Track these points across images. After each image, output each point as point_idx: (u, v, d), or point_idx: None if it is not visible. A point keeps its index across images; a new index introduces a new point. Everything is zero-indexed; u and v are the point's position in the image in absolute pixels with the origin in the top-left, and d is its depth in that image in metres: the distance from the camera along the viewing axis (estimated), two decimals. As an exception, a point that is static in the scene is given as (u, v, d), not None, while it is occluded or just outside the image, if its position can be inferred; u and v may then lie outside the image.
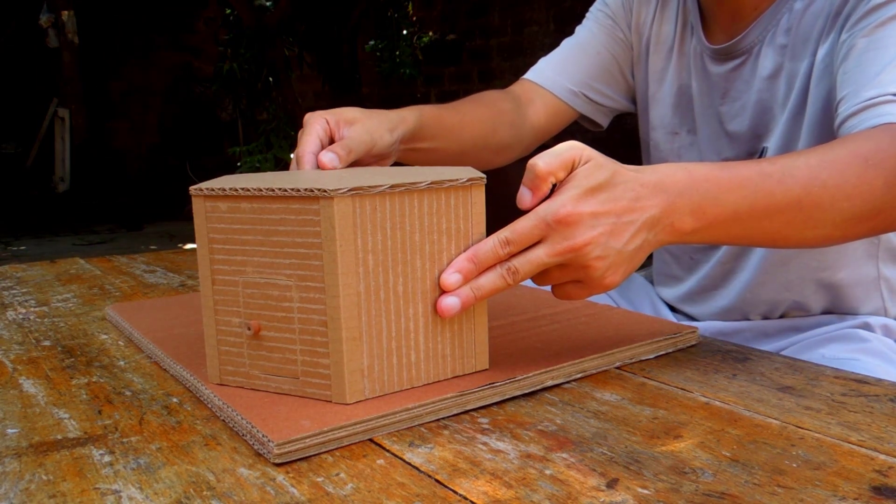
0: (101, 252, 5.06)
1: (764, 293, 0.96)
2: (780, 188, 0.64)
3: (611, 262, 0.59)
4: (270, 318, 0.58)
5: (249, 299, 0.59)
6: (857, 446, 0.50)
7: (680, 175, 0.62)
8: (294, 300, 0.56)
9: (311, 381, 0.57)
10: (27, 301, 1.00)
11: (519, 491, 0.45)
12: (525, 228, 0.59)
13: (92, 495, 0.47)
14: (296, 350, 0.57)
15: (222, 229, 0.59)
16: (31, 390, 0.66)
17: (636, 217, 0.60)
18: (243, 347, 0.60)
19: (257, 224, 0.57)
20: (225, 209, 0.59)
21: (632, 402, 0.59)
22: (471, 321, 0.62)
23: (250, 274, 0.58)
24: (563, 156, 0.60)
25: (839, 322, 0.94)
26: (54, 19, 6.78)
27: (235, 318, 0.60)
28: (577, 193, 0.58)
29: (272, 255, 0.57)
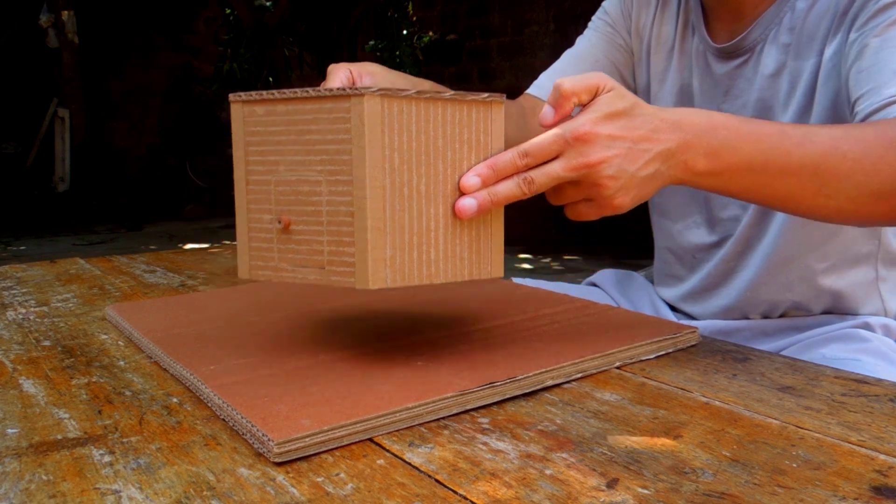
0: (101, 252, 5.06)
1: (765, 293, 0.96)
2: (798, 150, 0.65)
3: (622, 183, 0.62)
4: (300, 213, 0.62)
5: (281, 196, 0.63)
6: (857, 446, 0.50)
7: (700, 118, 0.65)
8: (323, 194, 0.61)
9: (337, 269, 0.61)
10: (27, 301, 1.00)
11: (519, 491, 0.45)
12: (544, 142, 0.61)
13: (92, 495, 0.47)
14: (323, 241, 0.62)
15: (258, 132, 0.64)
16: (31, 390, 0.66)
17: (651, 147, 0.62)
18: (273, 242, 0.64)
19: (291, 125, 0.62)
20: (261, 112, 0.63)
21: (632, 402, 0.59)
22: (488, 228, 0.65)
23: (282, 172, 0.63)
24: (588, 81, 0.63)
25: (839, 322, 0.94)
26: (54, 19, 6.78)
27: (266, 216, 0.64)
28: (598, 116, 0.61)
29: (304, 154, 0.62)
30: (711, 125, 0.65)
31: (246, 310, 0.86)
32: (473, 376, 0.61)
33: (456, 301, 0.86)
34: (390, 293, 0.91)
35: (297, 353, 0.69)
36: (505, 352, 0.67)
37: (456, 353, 0.67)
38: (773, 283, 0.95)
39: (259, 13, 5.46)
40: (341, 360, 0.66)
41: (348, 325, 0.78)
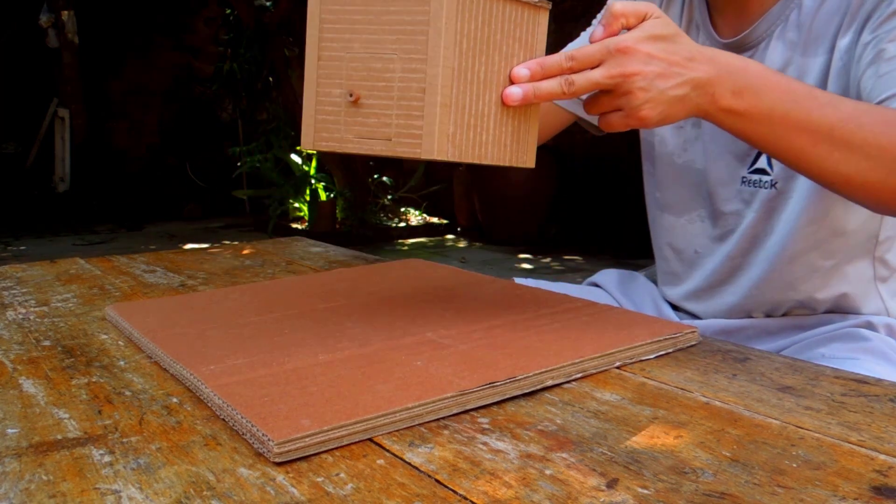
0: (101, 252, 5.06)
1: (770, 291, 0.96)
2: (818, 111, 0.70)
3: (651, 96, 0.68)
4: (371, 88, 0.67)
5: (353, 72, 0.68)
6: (857, 446, 0.50)
7: (735, 60, 0.71)
8: (396, 71, 0.66)
9: (404, 141, 0.66)
10: (27, 301, 1.00)
11: (519, 491, 0.45)
12: (589, 50, 0.68)
13: (92, 495, 0.47)
14: (392, 115, 0.66)
15: (335, 10, 0.68)
16: (31, 390, 0.66)
17: (685, 72, 0.68)
18: (340, 115, 0.69)
19: (369, 5, 0.67)
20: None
21: (632, 402, 0.59)
22: (527, 121, 0.72)
23: (356, 49, 0.67)
24: (638, 6, 0.69)
25: (842, 321, 0.94)
26: (54, 19, 6.78)
27: (337, 90, 0.68)
28: (641, 35, 0.67)
29: (380, 33, 0.66)
30: (744, 67, 0.70)
31: (246, 310, 0.86)
32: (473, 376, 0.61)
33: (456, 301, 0.86)
34: (390, 292, 0.91)
35: (297, 353, 0.69)
36: (505, 352, 0.67)
37: (456, 353, 0.67)
38: (778, 281, 0.95)
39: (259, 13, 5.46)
40: (341, 360, 0.66)
41: (348, 325, 0.78)
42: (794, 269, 0.94)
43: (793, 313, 0.97)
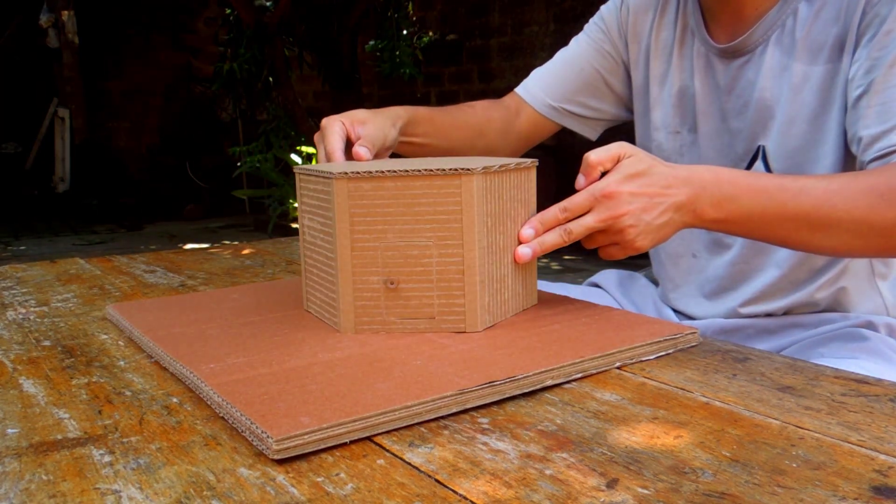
0: (101, 252, 5.06)
1: (773, 295, 0.96)
2: (792, 202, 0.76)
3: (641, 230, 0.75)
4: (409, 273, 0.73)
5: (389, 260, 0.73)
6: (857, 446, 0.50)
7: (707, 174, 0.77)
8: (433, 256, 0.72)
9: (447, 318, 0.73)
10: (27, 301, 1.00)
11: (519, 491, 0.45)
12: (579, 200, 0.76)
13: (92, 495, 0.47)
14: (433, 296, 0.73)
15: (365, 205, 0.72)
16: (31, 390, 0.66)
17: (665, 200, 0.75)
18: (380, 300, 0.73)
19: (400, 198, 0.71)
20: (368, 188, 0.72)
21: (632, 402, 0.59)
22: (529, 270, 0.80)
23: (391, 239, 0.72)
24: (611, 151, 0.77)
25: (842, 321, 0.94)
26: (54, 19, 6.78)
27: (374, 277, 0.73)
28: (621, 177, 0.75)
29: (413, 223, 0.72)
30: (717, 180, 0.77)
31: (246, 310, 0.86)
32: (473, 376, 0.61)
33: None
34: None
35: (296, 353, 0.69)
36: (505, 351, 0.67)
37: (456, 352, 0.67)
38: (783, 284, 0.95)
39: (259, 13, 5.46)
40: (341, 359, 0.66)
41: (348, 324, 0.78)
42: (799, 273, 0.94)
43: (793, 312, 0.97)
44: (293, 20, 5.48)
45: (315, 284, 0.80)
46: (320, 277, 0.78)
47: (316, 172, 0.76)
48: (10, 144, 7.11)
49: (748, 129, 0.94)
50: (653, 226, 0.75)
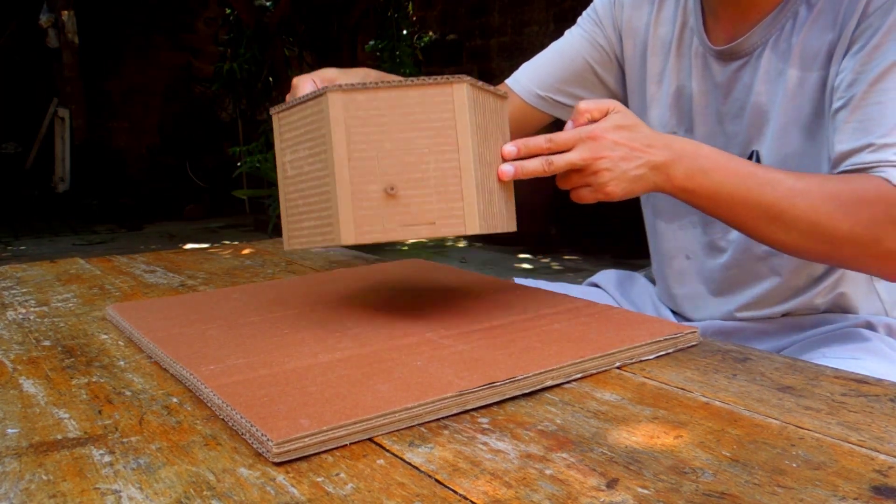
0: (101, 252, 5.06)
1: (770, 298, 0.96)
2: (757, 191, 0.80)
3: (615, 175, 0.78)
4: (408, 181, 0.73)
5: (388, 168, 0.73)
6: (857, 446, 0.50)
7: (688, 145, 0.81)
8: (430, 162, 0.73)
9: (447, 222, 0.74)
10: (27, 301, 1.00)
11: (519, 491, 0.45)
12: (565, 136, 0.79)
13: (92, 495, 0.47)
14: (432, 201, 0.74)
15: (360, 116, 0.73)
16: (31, 390, 0.66)
17: (644, 156, 0.79)
18: (380, 209, 0.74)
19: (395, 108, 0.73)
20: (363, 99, 0.73)
21: (632, 402, 0.59)
22: (510, 194, 0.82)
23: (388, 148, 0.73)
24: (602, 103, 0.81)
25: (841, 321, 0.94)
26: (54, 19, 6.78)
27: (372, 186, 0.73)
28: (608, 126, 0.79)
29: (410, 131, 0.73)
30: (695, 152, 0.81)
31: (246, 310, 0.86)
32: (473, 376, 0.61)
33: (456, 301, 0.86)
34: (390, 292, 0.91)
35: (296, 353, 0.69)
36: (505, 352, 0.67)
37: (456, 353, 0.67)
38: (781, 289, 0.95)
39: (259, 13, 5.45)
40: (341, 360, 0.66)
41: (348, 325, 0.78)
42: (798, 280, 0.93)
43: (792, 314, 0.97)
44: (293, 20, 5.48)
45: (302, 215, 0.80)
46: (311, 203, 0.78)
47: (301, 99, 0.77)
48: (10, 144, 7.11)
49: (743, 133, 0.94)
50: (627, 176, 0.79)
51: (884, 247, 0.79)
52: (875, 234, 0.78)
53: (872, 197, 0.78)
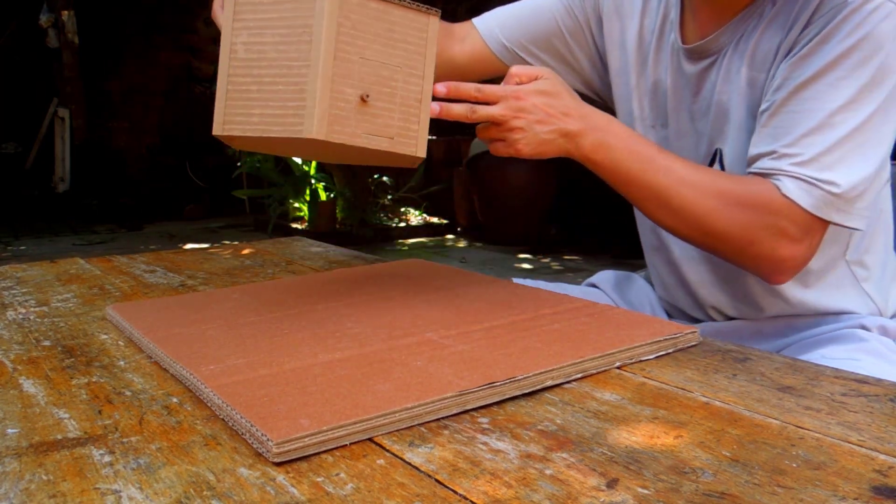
0: (101, 252, 5.06)
1: (756, 297, 0.96)
2: (651, 175, 0.85)
3: (526, 135, 0.84)
4: (379, 93, 0.77)
5: (365, 76, 0.76)
6: (857, 446, 0.50)
7: (603, 120, 0.87)
8: (399, 80, 0.78)
9: (403, 140, 0.79)
10: (27, 301, 1.00)
11: (519, 491, 0.45)
12: (492, 89, 0.84)
13: (92, 495, 0.47)
14: (395, 117, 0.78)
15: (352, 18, 0.75)
16: (31, 390, 0.66)
17: (557, 123, 0.84)
18: (351, 112, 0.76)
19: (381, 21, 0.77)
20: (356, 3, 0.76)
21: (632, 402, 0.59)
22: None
23: (369, 56, 0.76)
24: (532, 69, 0.87)
25: (836, 323, 0.94)
26: (54, 19, 6.78)
27: (349, 89, 0.76)
28: (532, 89, 0.84)
29: (389, 46, 0.77)
30: (607, 127, 0.86)
31: (246, 310, 0.86)
32: (473, 376, 0.61)
33: (456, 301, 0.86)
34: (390, 292, 0.91)
35: (296, 353, 0.69)
36: (505, 352, 0.67)
37: (456, 353, 0.67)
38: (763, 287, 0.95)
39: (259, 13, 5.46)
40: (341, 360, 0.66)
41: (348, 325, 0.78)
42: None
43: (785, 315, 0.96)
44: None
45: (253, 101, 0.78)
46: (272, 91, 0.77)
47: None
48: (10, 144, 7.10)
49: (709, 131, 0.94)
50: (538, 138, 0.84)
51: (755, 250, 0.83)
52: (749, 237, 0.83)
53: (757, 201, 0.82)
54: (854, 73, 0.79)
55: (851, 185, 0.80)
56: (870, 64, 0.79)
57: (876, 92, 0.80)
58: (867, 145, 0.80)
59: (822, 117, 0.80)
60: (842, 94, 0.80)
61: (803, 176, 0.80)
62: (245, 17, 0.79)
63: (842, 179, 0.80)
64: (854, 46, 0.79)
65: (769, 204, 0.81)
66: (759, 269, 0.86)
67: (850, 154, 0.80)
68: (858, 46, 0.79)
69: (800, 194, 0.80)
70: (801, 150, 0.81)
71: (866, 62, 0.79)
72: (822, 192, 0.80)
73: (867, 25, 0.79)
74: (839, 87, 0.80)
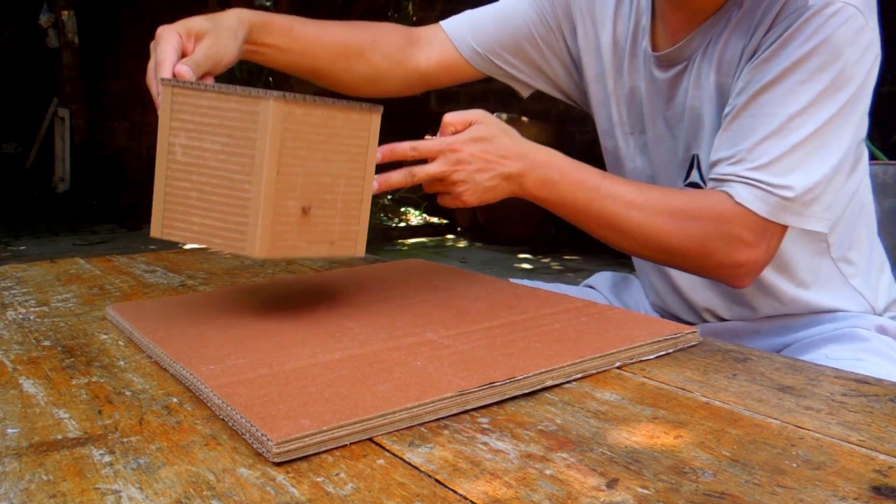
0: (101, 252, 5.05)
1: (743, 295, 0.96)
2: (598, 203, 0.86)
3: (469, 187, 0.85)
4: (320, 201, 0.77)
5: (307, 186, 0.75)
6: (857, 446, 0.50)
7: (541, 155, 0.87)
8: (341, 185, 0.78)
9: (343, 243, 0.80)
10: (27, 301, 1.01)
11: (519, 491, 0.45)
12: (428, 145, 0.84)
13: (92, 495, 0.47)
14: (335, 222, 0.78)
15: (294, 129, 0.73)
16: (31, 390, 0.66)
17: (497, 167, 0.85)
18: (293, 225, 0.76)
19: (323, 127, 0.75)
20: (300, 113, 0.74)
21: (632, 402, 0.59)
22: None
23: (311, 166, 0.75)
24: (465, 115, 0.87)
25: (833, 322, 0.94)
26: (54, 19, 6.78)
27: (291, 202, 0.75)
28: (467, 138, 0.85)
29: (331, 153, 0.76)
30: (547, 162, 0.86)
31: (246, 310, 0.86)
32: (473, 376, 0.61)
33: (456, 301, 0.86)
34: (390, 292, 0.91)
35: (296, 353, 0.69)
36: (505, 352, 0.67)
37: (456, 353, 0.67)
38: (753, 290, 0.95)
39: (259, 13, 5.46)
40: (341, 360, 0.66)
41: (348, 325, 0.78)
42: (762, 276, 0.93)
43: (780, 315, 0.96)
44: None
45: (192, 208, 0.76)
46: (212, 201, 0.75)
47: (225, 90, 0.73)
48: (10, 144, 7.11)
49: (684, 137, 0.94)
50: (481, 186, 0.85)
51: (714, 260, 0.84)
52: (706, 249, 0.83)
53: (709, 213, 0.83)
54: (813, 78, 0.79)
55: (805, 189, 0.80)
56: (829, 68, 0.79)
57: (836, 96, 0.80)
58: (825, 149, 0.81)
59: (781, 122, 0.80)
60: (800, 98, 0.80)
61: (757, 183, 0.81)
62: (183, 118, 0.76)
63: (797, 183, 0.80)
64: (813, 51, 0.79)
65: (721, 214, 0.82)
66: (720, 276, 0.86)
67: (807, 158, 0.80)
68: (817, 51, 0.79)
69: (752, 201, 0.81)
70: (758, 154, 0.81)
71: (825, 67, 0.79)
72: (775, 198, 0.80)
73: (826, 29, 0.78)
74: (798, 92, 0.80)
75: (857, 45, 0.79)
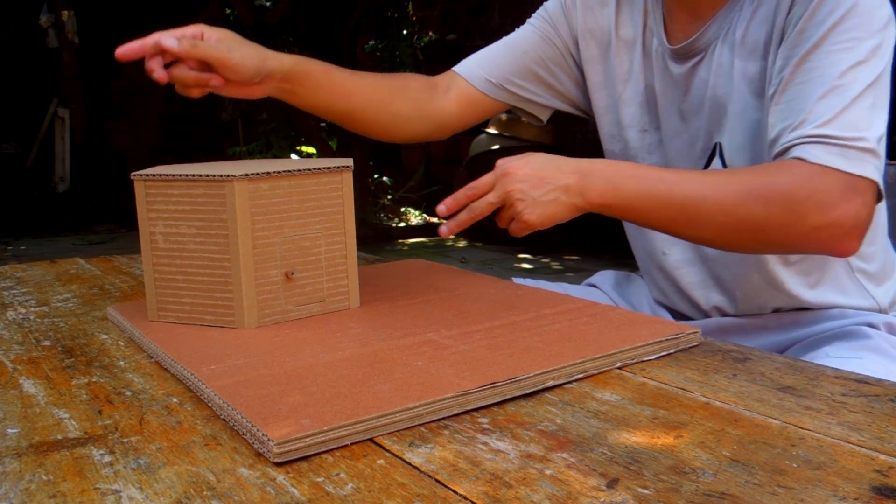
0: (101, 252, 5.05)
1: (751, 292, 0.96)
2: (668, 194, 0.83)
3: (527, 204, 0.85)
4: (303, 263, 0.80)
5: (286, 253, 0.79)
6: (857, 446, 0.50)
7: (597, 164, 0.86)
8: (322, 245, 0.82)
9: (335, 299, 0.83)
10: (27, 301, 1.00)
11: (519, 491, 0.45)
12: (484, 180, 0.87)
13: (92, 495, 0.47)
14: (322, 281, 0.82)
15: (263, 203, 0.77)
16: (31, 390, 0.66)
17: (553, 181, 0.85)
18: (279, 292, 0.79)
19: (293, 195, 0.79)
20: (266, 188, 0.77)
21: (632, 402, 0.59)
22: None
23: (287, 234, 0.79)
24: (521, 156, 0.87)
25: (840, 319, 0.94)
26: (54, 19, 6.78)
27: (273, 271, 0.78)
28: (520, 161, 0.87)
29: (305, 216, 0.80)
30: (604, 169, 0.86)
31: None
32: (474, 376, 0.61)
33: (457, 301, 0.86)
34: (390, 292, 0.91)
35: (297, 353, 0.69)
36: (506, 352, 0.67)
37: (456, 353, 0.67)
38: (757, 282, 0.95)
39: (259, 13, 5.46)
40: (342, 361, 0.66)
41: (349, 325, 0.78)
42: (768, 270, 0.93)
43: (784, 310, 0.97)
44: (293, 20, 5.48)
45: (181, 290, 0.80)
46: (198, 282, 0.78)
47: (192, 178, 0.76)
48: (10, 144, 7.10)
49: (705, 127, 0.95)
50: (540, 202, 0.84)
51: (808, 223, 0.78)
52: (796, 213, 0.77)
53: (787, 180, 0.78)
54: (854, 38, 0.80)
55: (878, 138, 0.79)
56: (865, 30, 0.80)
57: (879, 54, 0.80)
58: (878, 106, 0.80)
59: (834, 79, 0.79)
60: (846, 56, 0.79)
61: (826, 139, 0.78)
62: (158, 208, 0.80)
63: (868, 134, 0.78)
64: (846, 15, 0.80)
65: (800, 174, 0.78)
66: (820, 240, 0.79)
67: (869, 111, 0.79)
68: (851, 14, 0.80)
69: (827, 157, 0.77)
70: (819, 113, 0.79)
71: (861, 28, 0.80)
72: (853, 150, 0.77)
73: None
74: (844, 51, 0.80)
75: (884, 11, 0.81)
